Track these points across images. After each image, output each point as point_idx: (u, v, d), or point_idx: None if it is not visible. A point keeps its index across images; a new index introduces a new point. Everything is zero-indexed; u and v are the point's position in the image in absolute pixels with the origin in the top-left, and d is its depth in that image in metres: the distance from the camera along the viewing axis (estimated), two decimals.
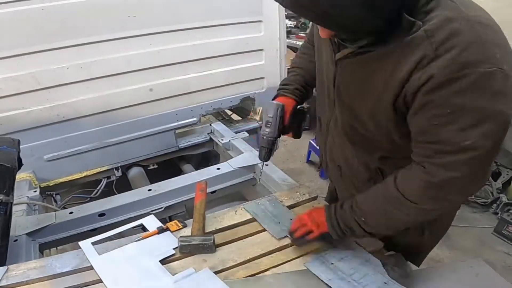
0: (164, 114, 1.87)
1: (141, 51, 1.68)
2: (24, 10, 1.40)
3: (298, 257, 1.01)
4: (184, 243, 1.02)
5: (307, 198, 1.29)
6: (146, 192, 1.49)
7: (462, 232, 2.93)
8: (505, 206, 3.03)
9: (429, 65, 0.74)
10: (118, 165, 1.88)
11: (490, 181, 3.22)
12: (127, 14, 1.60)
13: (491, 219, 3.05)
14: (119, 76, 1.68)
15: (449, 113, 0.76)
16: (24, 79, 1.49)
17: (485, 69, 0.72)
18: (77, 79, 1.59)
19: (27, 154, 1.51)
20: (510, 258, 2.65)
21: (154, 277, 0.94)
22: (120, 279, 0.93)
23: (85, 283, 0.93)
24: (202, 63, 1.86)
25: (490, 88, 0.73)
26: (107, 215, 1.41)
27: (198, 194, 1.27)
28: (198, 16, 1.76)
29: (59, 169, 1.72)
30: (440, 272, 0.99)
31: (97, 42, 1.58)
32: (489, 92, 0.74)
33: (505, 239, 2.81)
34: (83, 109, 1.66)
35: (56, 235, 1.34)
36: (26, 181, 1.58)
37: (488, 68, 0.72)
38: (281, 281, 0.90)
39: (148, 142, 1.90)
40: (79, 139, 1.71)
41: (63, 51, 1.52)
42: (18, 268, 0.97)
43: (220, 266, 0.98)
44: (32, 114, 1.56)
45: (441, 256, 2.67)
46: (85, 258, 1.01)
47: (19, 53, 1.45)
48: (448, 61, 0.72)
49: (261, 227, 1.14)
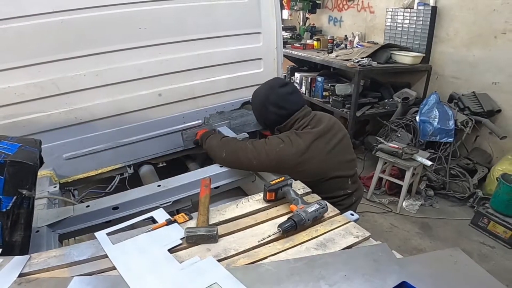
0: (172, 117, 1.87)
1: (151, 60, 1.69)
2: (45, 22, 1.41)
3: (292, 247, 1.01)
4: (190, 233, 1.02)
5: (302, 193, 1.29)
6: (155, 187, 1.49)
7: (442, 224, 2.94)
8: (480, 200, 3.04)
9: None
10: (130, 163, 1.88)
11: (467, 177, 3.23)
12: (139, 26, 1.60)
13: (468, 212, 3.07)
14: (131, 82, 1.68)
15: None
16: (45, 85, 1.49)
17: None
18: (93, 85, 1.60)
19: (48, 153, 1.51)
20: (485, 247, 2.66)
21: (163, 265, 0.94)
22: (132, 266, 0.93)
23: (100, 270, 0.93)
24: (206, 71, 1.87)
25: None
26: (120, 209, 1.42)
27: (202, 189, 1.27)
28: (203, 28, 1.77)
29: (77, 166, 1.72)
30: (422, 260, 0.99)
31: (111, 52, 1.58)
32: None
33: (480, 230, 2.83)
34: (98, 112, 1.66)
35: (74, 226, 1.34)
36: (47, 178, 1.58)
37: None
38: (277, 268, 0.91)
39: (158, 142, 1.90)
40: (95, 140, 1.71)
41: (80, 59, 1.53)
42: (39, 256, 0.97)
43: (223, 255, 0.98)
44: (52, 117, 1.56)
45: (423, 246, 2.69)
46: (100, 248, 1.01)
47: (41, 61, 1.45)
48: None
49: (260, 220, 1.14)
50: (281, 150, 1.49)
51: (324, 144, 1.54)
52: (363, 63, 3.52)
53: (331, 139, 1.57)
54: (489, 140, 3.42)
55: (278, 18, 1.98)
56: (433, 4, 3.59)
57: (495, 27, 3.17)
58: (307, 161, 1.49)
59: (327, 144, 1.55)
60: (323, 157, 1.53)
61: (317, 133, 1.53)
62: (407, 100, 3.75)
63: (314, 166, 1.51)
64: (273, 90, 1.60)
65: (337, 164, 1.58)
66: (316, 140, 1.52)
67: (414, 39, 3.83)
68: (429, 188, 3.29)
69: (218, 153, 1.63)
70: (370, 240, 1.04)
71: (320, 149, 1.53)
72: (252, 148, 1.54)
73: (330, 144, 1.56)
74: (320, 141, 1.53)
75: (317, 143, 1.52)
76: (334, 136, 1.58)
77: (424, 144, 3.38)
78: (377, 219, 2.99)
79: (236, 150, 1.58)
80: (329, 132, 1.57)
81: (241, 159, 1.55)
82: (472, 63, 3.43)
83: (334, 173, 1.56)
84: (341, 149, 1.60)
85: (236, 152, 1.57)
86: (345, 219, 1.14)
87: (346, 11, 4.85)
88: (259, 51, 1.99)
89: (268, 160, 1.50)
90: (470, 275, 0.90)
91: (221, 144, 1.64)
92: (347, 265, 0.91)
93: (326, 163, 1.54)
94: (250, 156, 1.53)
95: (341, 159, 1.60)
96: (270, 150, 1.50)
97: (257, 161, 1.51)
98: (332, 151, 1.56)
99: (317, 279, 0.85)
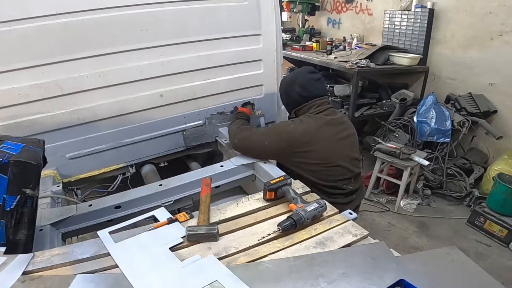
0: (173, 117, 1.87)
1: (152, 61, 1.69)
2: (48, 24, 1.41)
3: (292, 245, 1.01)
4: (191, 232, 1.02)
5: (301, 192, 1.29)
6: (157, 187, 1.49)
7: (439, 223, 2.94)
8: (477, 200, 3.04)
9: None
10: (132, 163, 1.88)
11: (464, 177, 3.23)
12: (140, 29, 1.60)
13: (464, 211, 3.07)
14: (133, 83, 1.68)
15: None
16: (49, 86, 1.49)
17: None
18: (96, 86, 1.60)
19: (51, 153, 1.51)
20: (481, 245, 2.66)
21: (164, 263, 0.94)
22: (134, 264, 0.93)
23: (103, 268, 0.93)
24: (207, 72, 1.87)
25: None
26: (122, 208, 1.41)
27: (203, 188, 1.27)
28: (203, 30, 1.77)
29: (80, 166, 1.72)
30: (420, 258, 0.99)
31: (114, 53, 1.58)
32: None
33: (477, 229, 2.83)
34: (101, 113, 1.66)
35: (77, 225, 1.34)
36: (50, 177, 1.58)
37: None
38: (277, 266, 0.91)
39: (159, 142, 1.90)
40: (97, 140, 1.71)
41: (83, 61, 1.53)
42: (43, 254, 0.97)
43: (223, 253, 0.98)
44: (55, 118, 1.56)
45: (420, 244, 2.68)
46: (103, 246, 1.01)
47: (44, 63, 1.45)
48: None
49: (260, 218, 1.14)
50: (292, 129, 1.55)
51: (334, 132, 1.59)
52: (362, 65, 3.52)
53: (341, 132, 1.62)
54: (485, 140, 3.42)
55: (278, 20, 1.98)
56: (430, 7, 3.59)
57: (491, 29, 3.17)
58: (316, 141, 1.53)
59: (337, 134, 1.60)
60: (331, 142, 1.57)
61: (329, 120, 1.59)
62: (405, 101, 3.75)
63: (322, 149, 1.55)
64: (302, 73, 1.74)
65: (343, 154, 1.61)
66: (327, 126, 1.57)
67: (411, 41, 3.83)
68: (427, 187, 3.29)
69: (232, 138, 1.72)
70: (368, 238, 1.04)
71: (330, 134, 1.57)
72: (263, 131, 1.65)
73: (339, 135, 1.61)
74: (331, 128, 1.58)
75: (327, 128, 1.57)
76: (344, 130, 1.64)
77: (421, 144, 3.38)
78: (375, 218, 2.99)
79: (248, 136, 1.64)
80: (341, 124, 1.64)
81: (252, 142, 1.61)
82: (469, 65, 3.43)
83: (340, 162, 1.59)
84: (348, 143, 1.65)
85: (247, 138, 1.64)
86: (343, 218, 1.14)
87: (345, 13, 4.85)
88: (259, 53, 1.99)
89: (279, 140, 1.55)
90: (466, 273, 0.90)
91: (237, 130, 1.70)
92: (346, 263, 0.91)
93: (334, 148, 1.58)
94: (263, 138, 1.59)
95: (347, 152, 1.64)
96: (281, 129, 1.58)
97: (269, 141, 1.56)
98: (340, 140, 1.60)
99: (316, 277, 0.85)
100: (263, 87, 2.10)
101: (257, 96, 2.10)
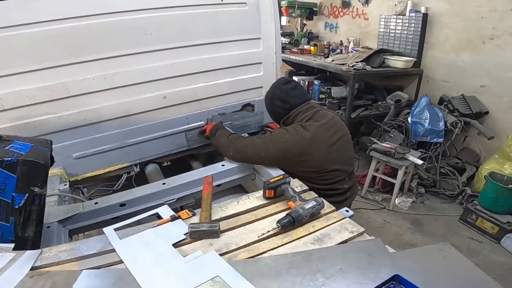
0: (176, 118, 1.87)
1: (156, 64, 1.68)
2: (56, 28, 1.40)
3: (290, 242, 1.01)
4: (194, 229, 1.02)
5: (299, 190, 1.29)
6: (160, 185, 1.49)
7: (433, 220, 2.94)
8: (469, 198, 3.04)
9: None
10: (136, 162, 1.87)
11: (457, 176, 3.23)
12: (145, 33, 1.60)
13: (457, 208, 3.07)
14: (138, 85, 1.68)
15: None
16: (56, 88, 1.49)
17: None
18: (101, 88, 1.59)
19: (58, 153, 1.50)
20: (473, 242, 2.66)
21: (167, 259, 0.94)
22: (138, 260, 0.93)
23: (108, 263, 0.93)
24: (209, 75, 1.86)
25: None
26: (127, 205, 1.41)
27: (205, 187, 1.27)
28: (205, 34, 1.77)
29: (86, 165, 1.72)
30: (414, 254, 0.99)
31: (119, 56, 1.58)
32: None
33: (469, 226, 2.83)
34: (106, 114, 1.66)
35: (83, 222, 1.34)
36: (57, 176, 1.58)
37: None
38: (276, 262, 0.91)
39: (163, 142, 1.90)
40: (103, 140, 1.71)
41: (89, 64, 1.52)
42: (50, 250, 0.97)
43: (225, 249, 0.98)
44: (62, 118, 1.56)
45: (414, 241, 2.68)
46: (108, 242, 1.01)
47: (52, 65, 1.45)
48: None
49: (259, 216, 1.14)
50: (287, 140, 1.51)
51: (327, 137, 1.56)
52: (358, 67, 3.52)
53: (333, 134, 1.59)
54: (477, 140, 3.42)
55: (277, 24, 1.98)
56: (424, 11, 3.59)
57: (483, 33, 3.17)
58: (311, 151, 1.51)
59: (330, 138, 1.57)
60: (325, 148, 1.55)
61: (320, 126, 1.55)
62: (400, 102, 3.75)
63: (317, 157, 1.52)
64: (278, 86, 1.72)
65: (337, 158, 1.60)
66: (319, 133, 1.54)
67: (406, 45, 3.83)
68: (421, 186, 3.29)
69: (226, 151, 1.66)
70: (364, 235, 1.05)
71: (324, 141, 1.55)
72: (259, 142, 1.56)
73: (332, 138, 1.58)
74: (323, 134, 1.55)
75: (320, 136, 1.54)
76: (336, 132, 1.60)
77: (415, 144, 3.38)
78: (371, 215, 2.99)
79: (243, 146, 1.59)
80: (332, 127, 1.60)
81: (249, 153, 1.56)
82: (461, 67, 3.43)
83: (334, 166, 1.58)
84: (341, 145, 1.62)
85: (243, 149, 1.58)
86: (340, 215, 1.14)
87: (342, 18, 4.85)
88: (259, 56, 1.99)
89: (275, 150, 1.51)
90: (459, 269, 0.90)
91: (228, 142, 1.65)
92: (343, 259, 0.91)
93: (328, 155, 1.56)
94: (258, 149, 1.54)
95: (341, 154, 1.62)
96: (276, 141, 1.53)
97: (265, 153, 1.52)
98: (333, 145, 1.58)
99: (314, 272, 0.86)
100: (263, 89, 2.09)
101: (257, 98, 2.10)
